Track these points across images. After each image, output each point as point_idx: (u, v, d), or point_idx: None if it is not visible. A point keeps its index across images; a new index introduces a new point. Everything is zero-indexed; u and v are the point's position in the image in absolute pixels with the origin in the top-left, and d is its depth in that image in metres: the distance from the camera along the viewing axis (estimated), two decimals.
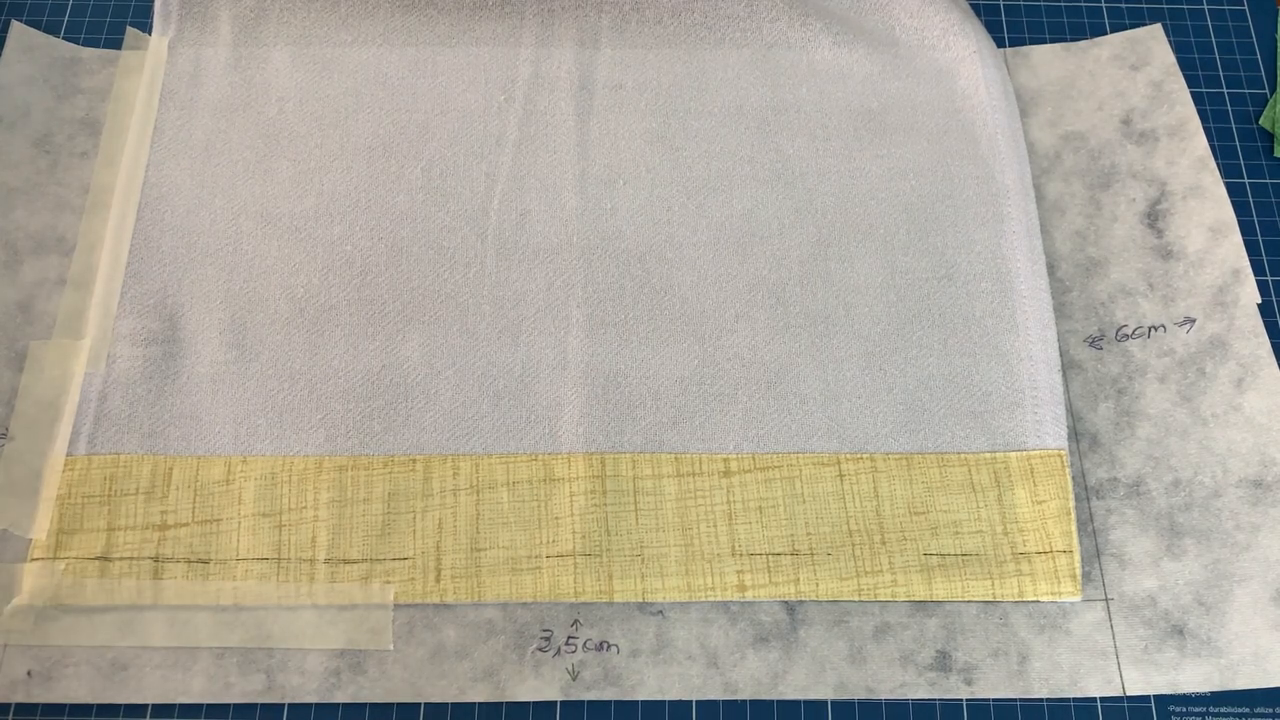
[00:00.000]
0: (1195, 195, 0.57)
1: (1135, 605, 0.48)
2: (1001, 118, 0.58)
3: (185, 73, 0.58)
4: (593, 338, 0.52)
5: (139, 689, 0.45)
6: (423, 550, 0.47)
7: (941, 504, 0.49)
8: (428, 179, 0.56)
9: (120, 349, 0.51)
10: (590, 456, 0.49)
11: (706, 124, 0.58)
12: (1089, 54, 0.61)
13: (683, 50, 0.60)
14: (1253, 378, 0.52)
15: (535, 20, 0.60)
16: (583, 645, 0.46)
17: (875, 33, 0.61)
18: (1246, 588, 0.48)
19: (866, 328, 0.53)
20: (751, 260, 0.54)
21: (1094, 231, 0.56)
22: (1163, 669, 0.46)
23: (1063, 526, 0.48)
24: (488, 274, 0.54)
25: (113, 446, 0.49)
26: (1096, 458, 0.51)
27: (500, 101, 0.58)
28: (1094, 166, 0.58)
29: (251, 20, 0.60)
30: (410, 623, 0.47)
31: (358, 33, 0.60)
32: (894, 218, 0.56)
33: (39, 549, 0.47)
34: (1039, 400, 0.51)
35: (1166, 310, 0.54)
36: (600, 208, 0.55)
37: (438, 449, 0.49)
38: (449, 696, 0.45)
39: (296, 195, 0.55)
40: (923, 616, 0.47)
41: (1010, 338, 0.53)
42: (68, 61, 0.59)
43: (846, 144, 0.58)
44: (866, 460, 0.50)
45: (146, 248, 0.54)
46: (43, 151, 0.57)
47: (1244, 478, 0.50)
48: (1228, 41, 0.62)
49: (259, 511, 0.48)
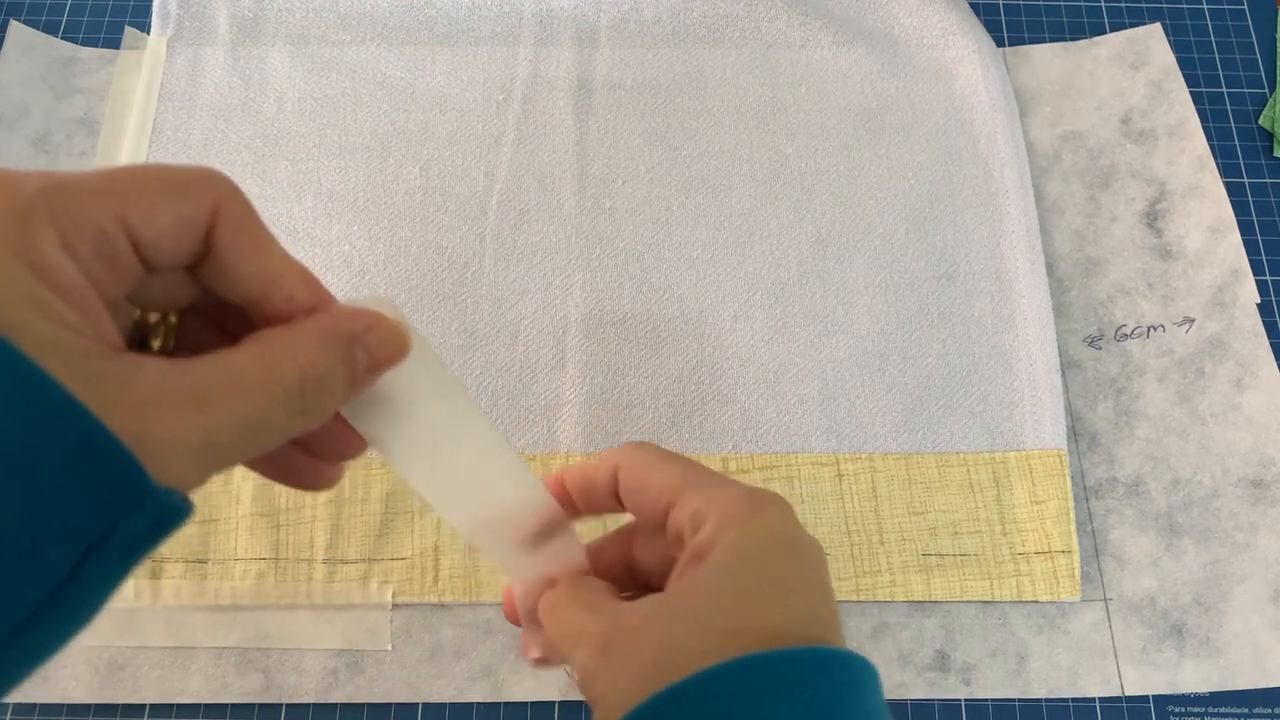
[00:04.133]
0: (1194, 195, 0.56)
1: (1134, 605, 0.48)
2: (1001, 117, 0.58)
3: (184, 72, 0.58)
4: (591, 337, 0.52)
5: (136, 689, 0.45)
6: (420, 550, 0.47)
7: (940, 504, 0.49)
8: (426, 178, 0.56)
9: None
10: (589, 456, 0.49)
11: (705, 123, 0.58)
12: (1088, 53, 0.61)
13: (682, 49, 0.60)
14: (1252, 377, 0.52)
15: (534, 19, 0.60)
16: None
17: (874, 32, 0.61)
18: (1245, 587, 0.48)
19: (865, 327, 0.53)
20: (750, 259, 0.54)
21: (1093, 231, 0.56)
22: (1161, 669, 0.46)
23: (1061, 526, 0.48)
24: (486, 273, 0.54)
25: None
26: (1095, 457, 0.51)
27: (499, 101, 0.58)
28: (1093, 166, 0.58)
29: (250, 20, 0.60)
30: (408, 623, 0.47)
31: (356, 32, 0.60)
32: (893, 217, 0.55)
33: None
34: (1038, 400, 0.51)
35: (1166, 310, 0.54)
36: (599, 207, 0.55)
37: None
38: (447, 696, 0.45)
39: (295, 195, 0.55)
40: (921, 616, 0.47)
41: (1009, 337, 0.53)
42: (66, 61, 0.59)
43: (845, 143, 0.58)
44: (865, 460, 0.50)
45: None
46: (41, 151, 0.57)
47: (1243, 477, 0.50)
48: (1227, 41, 0.62)
49: (257, 511, 0.48)
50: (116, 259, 0.20)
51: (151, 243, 0.21)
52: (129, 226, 0.20)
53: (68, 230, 0.19)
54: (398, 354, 0.26)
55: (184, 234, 0.21)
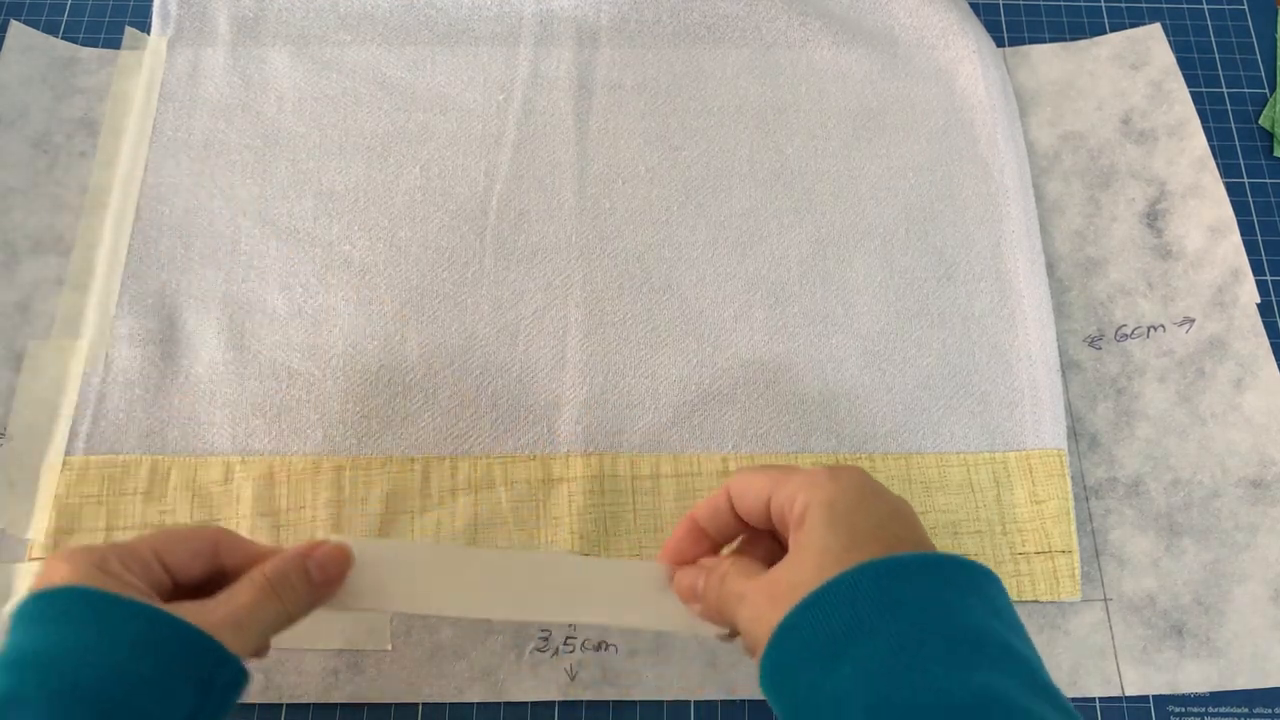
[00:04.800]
0: (1195, 195, 0.56)
1: (1134, 605, 0.48)
2: (1001, 117, 0.58)
3: (184, 72, 0.58)
4: (591, 337, 0.52)
5: None
6: None
7: (940, 504, 0.49)
8: (426, 178, 0.56)
9: (118, 349, 0.51)
10: (589, 456, 0.49)
11: (705, 123, 0.58)
12: (1088, 54, 0.61)
13: (682, 50, 0.60)
14: (1252, 378, 0.52)
15: (534, 20, 0.60)
16: (581, 645, 0.46)
17: (874, 32, 0.61)
18: (1245, 587, 0.48)
19: (865, 327, 0.53)
20: (750, 259, 0.54)
21: (1093, 231, 0.56)
22: (1162, 669, 0.46)
23: (1062, 526, 0.48)
24: (486, 273, 0.54)
25: (111, 447, 0.49)
26: (1095, 457, 0.51)
27: (499, 101, 0.58)
28: (1093, 166, 0.58)
29: (250, 20, 0.60)
30: (408, 623, 0.47)
31: (357, 32, 0.60)
32: (893, 217, 0.55)
33: (37, 549, 0.47)
34: (1038, 400, 0.51)
35: (1166, 310, 0.54)
36: (599, 207, 0.55)
37: (436, 449, 0.49)
38: (447, 696, 0.45)
39: (295, 195, 0.55)
40: None
41: (1009, 337, 0.53)
42: (66, 61, 0.59)
43: (845, 143, 0.58)
44: (865, 460, 0.50)
45: (145, 247, 0.54)
46: (41, 151, 0.57)
47: (1243, 477, 0.50)
48: (1227, 41, 0.62)
49: (257, 511, 0.48)
50: (152, 573, 0.36)
51: (176, 564, 0.37)
52: (159, 556, 0.36)
53: (126, 559, 0.35)
54: (339, 557, 0.39)
55: (196, 558, 0.37)
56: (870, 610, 0.32)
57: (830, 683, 0.31)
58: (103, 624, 0.33)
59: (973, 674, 0.30)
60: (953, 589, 0.33)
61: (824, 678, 0.31)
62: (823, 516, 0.34)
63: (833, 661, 0.31)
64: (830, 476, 0.36)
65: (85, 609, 0.34)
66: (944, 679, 0.30)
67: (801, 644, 0.33)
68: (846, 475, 0.36)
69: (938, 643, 0.31)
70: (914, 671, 0.30)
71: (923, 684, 0.30)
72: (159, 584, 0.36)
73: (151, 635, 0.34)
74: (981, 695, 0.29)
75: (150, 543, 0.37)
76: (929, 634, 0.31)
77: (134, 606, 0.34)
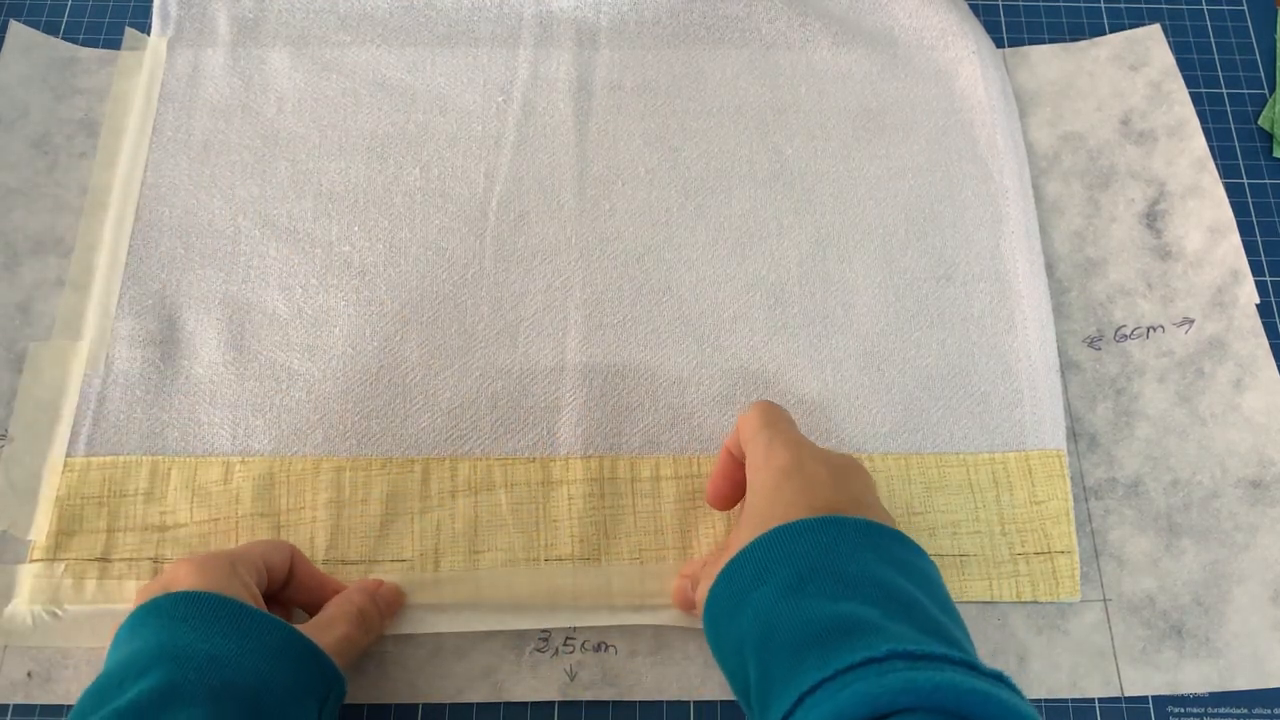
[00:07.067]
0: (1194, 195, 0.57)
1: (1134, 606, 0.48)
2: (1000, 118, 0.58)
3: (184, 73, 0.58)
4: (591, 339, 0.52)
5: None
6: (421, 552, 0.47)
7: (940, 504, 0.49)
8: (426, 180, 0.56)
9: (119, 350, 0.51)
10: (588, 459, 0.49)
11: (705, 124, 0.58)
12: (1088, 54, 0.61)
13: (681, 50, 0.60)
14: (1251, 378, 0.52)
15: (534, 21, 0.60)
16: (580, 646, 0.46)
17: (874, 33, 0.61)
18: (1245, 588, 0.48)
19: (865, 328, 0.53)
20: (750, 260, 0.54)
21: (1093, 232, 0.56)
22: (1161, 669, 0.47)
23: (1061, 527, 0.48)
24: (486, 275, 0.54)
25: (112, 448, 0.49)
26: (1095, 458, 0.51)
27: (499, 102, 0.58)
28: (1093, 167, 0.58)
29: (250, 21, 0.60)
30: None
31: (356, 33, 0.60)
32: (893, 218, 0.56)
33: (39, 550, 0.47)
34: (1038, 400, 0.51)
35: (1165, 310, 0.54)
36: (599, 208, 0.55)
37: (436, 450, 0.49)
38: (447, 697, 0.45)
39: (295, 196, 0.55)
40: None
41: (1009, 338, 0.53)
42: (66, 62, 0.59)
43: (845, 144, 0.58)
44: (865, 460, 0.50)
45: (145, 248, 0.54)
46: (41, 152, 0.57)
47: (1242, 478, 0.50)
48: (1227, 42, 0.62)
49: (257, 512, 0.48)
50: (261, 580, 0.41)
51: (272, 569, 0.42)
52: (265, 560, 0.42)
53: (242, 566, 0.40)
54: (398, 596, 0.46)
55: (283, 565, 0.43)
56: (769, 562, 0.37)
57: (735, 628, 0.36)
58: (245, 632, 0.37)
59: (840, 604, 0.34)
60: (844, 542, 0.37)
61: (732, 624, 0.37)
62: (754, 499, 0.41)
63: (738, 610, 0.37)
64: (766, 456, 0.41)
65: (226, 616, 0.37)
66: (814, 610, 0.34)
67: (719, 603, 0.38)
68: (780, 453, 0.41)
69: (820, 581, 0.35)
70: (794, 606, 0.35)
71: (798, 615, 0.34)
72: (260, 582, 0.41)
73: (288, 650, 0.38)
74: (842, 618, 0.34)
75: (261, 550, 0.42)
76: (813, 576, 0.36)
77: (270, 620, 0.38)
